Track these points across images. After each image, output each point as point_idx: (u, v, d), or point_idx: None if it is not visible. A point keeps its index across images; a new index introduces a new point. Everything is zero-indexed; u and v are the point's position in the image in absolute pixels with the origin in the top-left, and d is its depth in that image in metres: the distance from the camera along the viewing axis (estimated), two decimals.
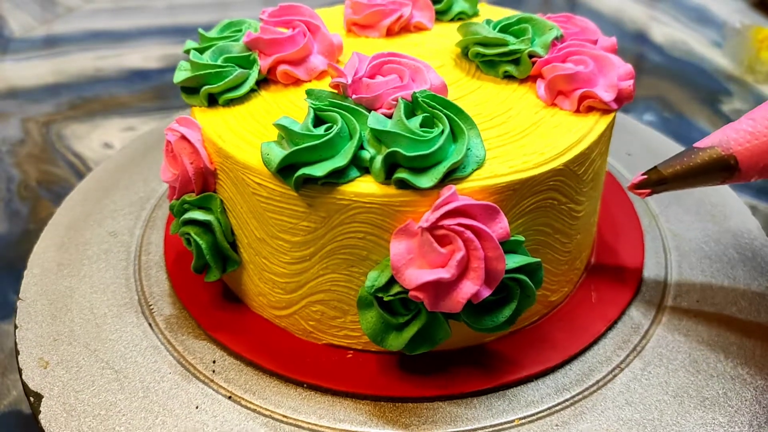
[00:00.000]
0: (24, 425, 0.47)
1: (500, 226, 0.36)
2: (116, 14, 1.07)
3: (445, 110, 0.38)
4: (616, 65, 0.43)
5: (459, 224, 0.35)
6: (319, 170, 0.36)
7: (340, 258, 0.39)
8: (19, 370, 0.43)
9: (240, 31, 0.49)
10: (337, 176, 0.37)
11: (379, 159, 0.36)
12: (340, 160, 0.36)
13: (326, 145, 0.36)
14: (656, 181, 0.41)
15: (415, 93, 0.38)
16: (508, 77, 0.46)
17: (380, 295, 0.37)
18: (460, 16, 0.54)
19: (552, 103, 0.43)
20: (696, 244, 0.53)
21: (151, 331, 0.46)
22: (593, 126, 0.41)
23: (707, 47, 0.95)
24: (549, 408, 0.41)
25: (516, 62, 0.45)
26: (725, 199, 0.58)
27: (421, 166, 0.36)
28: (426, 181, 0.36)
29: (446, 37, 0.51)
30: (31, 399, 0.41)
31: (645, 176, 0.42)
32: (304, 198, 0.38)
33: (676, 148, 0.65)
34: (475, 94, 0.44)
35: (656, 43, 0.97)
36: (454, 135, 0.38)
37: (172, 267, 0.50)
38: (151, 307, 0.48)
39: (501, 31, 0.47)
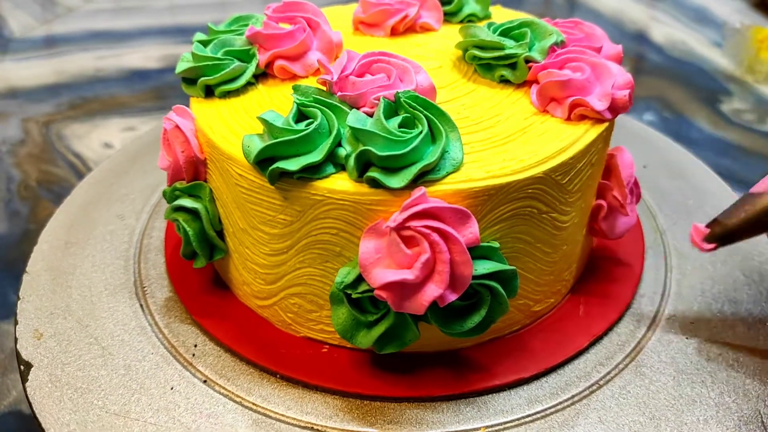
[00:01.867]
0: (24, 425, 0.48)
1: (470, 231, 0.36)
2: (116, 14, 1.07)
3: (425, 111, 0.38)
4: (614, 74, 0.42)
5: (426, 226, 0.35)
6: (293, 164, 0.36)
7: (315, 252, 0.40)
8: (15, 339, 0.45)
9: (247, 25, 0.50)
10: (312, 171, 0.37)
11: (352, 157, 0.36)
12: (315, 156, 0.37)
13: (303, 140, 0.37)
14: (721, 235, 0.40)
15: (398, 93, 0.38)
16: (504, 81, 0.45)
17: (349, 291, 0.38)
18: (470, 18, 0.54)
19: (544, 109, 0.42)
20: (700, 264, 0.51)
21: (141, 312, 0.47)
22: (582, 135, 0.40)
23: (707, 47, 0.94)
24: (519, 419, 0.40)
25: (512, 66, 0.44)
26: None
27: (394, 166, 0.36)
28: (397, 181, 0.36)
29: (451, 38, 0.51)
30: (22, 368, 0.43)
31: (708, 229, 0.40)
32: (280, 191, 0.38)
33: (692, 159, 0.63)
34: (467, 97, 0.44)
35: (656, 43, 0.96)
36: (433, 137, 0.37)
37: (170, 252, 0.52)
38: (145, 289, 0.49)
39: (502, 34, 0.46)
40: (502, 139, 0.40)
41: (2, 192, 0.68)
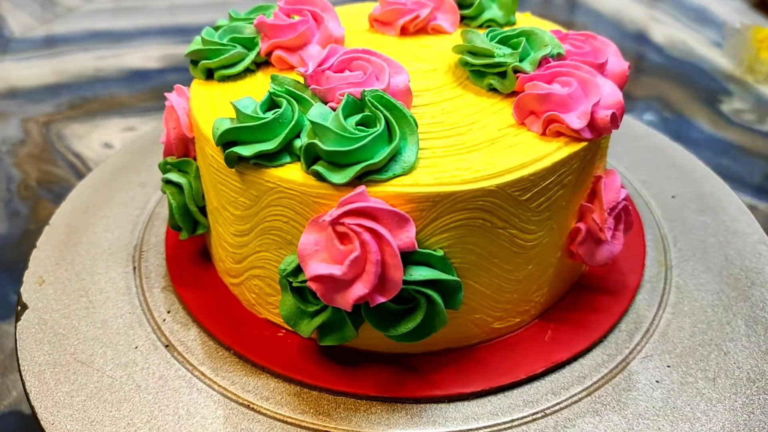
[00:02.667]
0: (24, 425, 0.49)
1: (407, 236, 0.36)
2: (116, 14, 1.07)
3: (386, 111, 0.38)
4: (602, 92, 0.40)
5: (359, 224, 0.35)
6: (248, 150, 0.38)
7: (270, 238, 0.41)
8: (21, 282, 0.50)
9: (266, 15, 0.52)
10: (268, 159, 0.38)
11: (302, 149, 0.37)
12: (270, 144, 0.38)
13: (262, 127, 0.38)
14: None
15: (364, 91, 0.39)
16: (493, 90, 0.44)
17: (290, 279, 0.39)
18: (489, 24, 0.53)
19: (521, 122, 0.41)
20: (700, 306, 0.47)
21: (132, 274, 0.51)
22: (550, 153, 0.39)
23: (707, 47, 0.91)
24: None
25: (502, 75, 0.43)
26: (761, 264, 0.50)
27: (339, 162, 0.36)
28: (339, 177, 0.36)
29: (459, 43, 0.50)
30: (19, 308, 0.48)
31: None
32: (239, 175, 0.40)
33: (728, 194, 0.58)
34: (449, 102, 0.43)
35: (656, 43, 0.93)
36: (390, 137, 0.37)
37: None
38: (143, 253, 0.53)
39: (500, 42, 0.45)
40: (467, 148, 0.39)
41: (2, 192, 0.68)
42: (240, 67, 0.47)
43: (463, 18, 0.53)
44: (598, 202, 0.42)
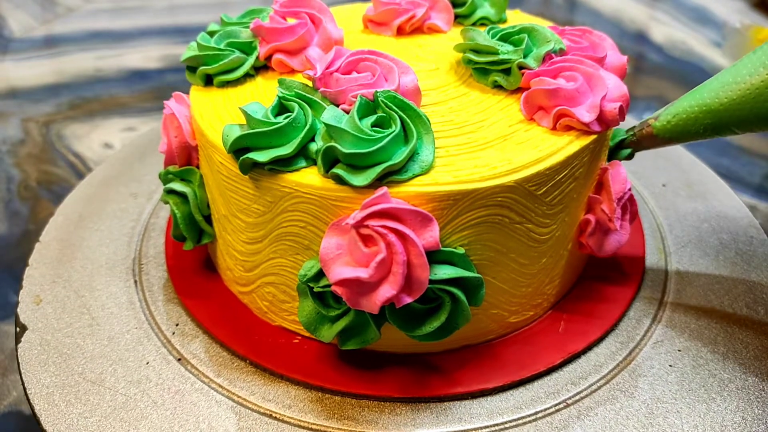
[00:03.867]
0: (24, 425, 0.48)
1: (430, 235, 0.36)
2: (116, 14, 1.07)
3: (400, 112, 0.38)
4: (608, 86, 0.41)
5: (384, 226, 0.35)
6: (263, 156, 0.37)
7: (286, 244, 0.40)
8: (17, 303, 0.48)
9: (259, 18, 0.51)
10: (283, 164, 0.38)
11: (320, 152, 0.37)
12: (286, 149, 0.37)
13: (276, 132, 0.37)
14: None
15: (376, 92, 0.39)
16: (498, 87, 0.44)
17: (311, 285, 0.38)
18: (482, 21, 0.53)
19: (531, 118, 0.41)
20: (701, 292, 0.49)
21: (133, 288, 0.50)
22: (563, 146, 0.39)
23: (707, 47, 0.92)
24: (475, 429, 0.39)
25: (506, 72, 0.43)
26: (754, 248, 0.52)
27: (359, 164, 0.36)
28: (360, 179, 0.36)
29: (457, 41, 0.50)
30: (17, 329, 0.46)
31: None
32: (253, 181, 0.39)
33: (716, 182, 0.59)
34: (456, 101, 0.43)
35: (656, 43, 0.95)
36: (406, 138, 0.37)
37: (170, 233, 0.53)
38: (142, 266, 0.51)
39: (501, 39, 0.45)
40: (480, 145, 0.39)
41: (2, 192, 0.68)
42: (240, 72, 0.46)
43: (456, 16, 0.53)
44: (606, 193, 0.43)
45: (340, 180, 0.36)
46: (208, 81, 0.46)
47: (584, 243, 0.44)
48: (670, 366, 0.43)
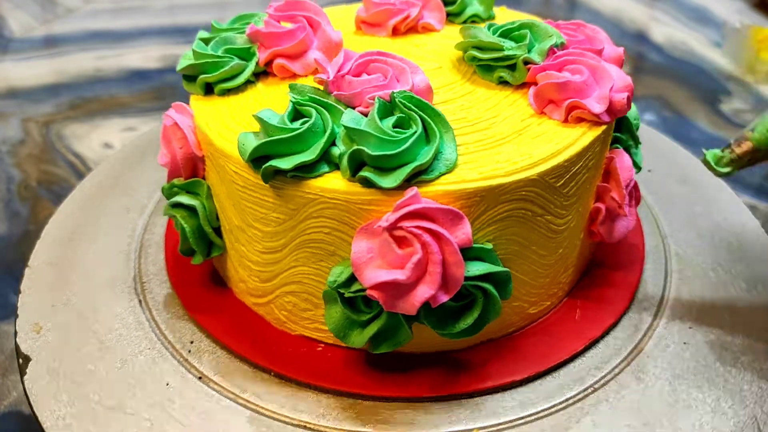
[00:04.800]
0: (24, 425, 0.48)
1: (462, 232, 0.36)
2: (116, 14, 1.07)
3: (420, 112, 0.38)
4: (613, 77, 0.42)
5: (418, 227, 0.35)
6: (287, 163, 0.37)
7: (308, 251, 0.40)
8: (15, 333, 0.46)
9: (249, 23, 0.50)
10: (306, 170, 0.37)
11: (346, 156, 0.36)
12: (308, 155, 0.37)
13: (297, 138, 0.37)
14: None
15: (393, 93, 0.38)
16: (504, 83, 0.45)
17: (342, 290, 0.38)
18: (473, 19, 0.54)
19: (541, 111, 0.42)
20: (702, 271, 0.51)
21: (139, 307, 0.48)
22: (578, 138, 0.40)
23: (707, 47, 0.94)
24: (510, 421, 0.40)
25: (511, 68, 0.44)
26: (745, 227, 0.55)
27: (386, 166, 0.36)
28: (389, 181, 0.36)
29: (453, 39, 0.51)
30: (20, 361, 0.44)
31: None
32: (273, 189, 0.38)
33: (699, 165, 0.61)
34: (465, 98, 0.44)
35: (656, 43, 0.96)
36: (428, 137, 0.37)
37: (170, 248, 0.52)
38: (144, 284, 0.50)
39: (501, 35, 0.46)
40: (497, 141, 0.40)
41: (2, 192, 0.68)
42: (241, 79, 0.45)
43: (447, 15, 0.54)
44: (614, 181, 0.44)
45: (367, 183, 0.36)
46: (207, 89, 0.45)
47: (596, 231, 0.45)
48: (685, 343, 0.45)
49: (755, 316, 0.47)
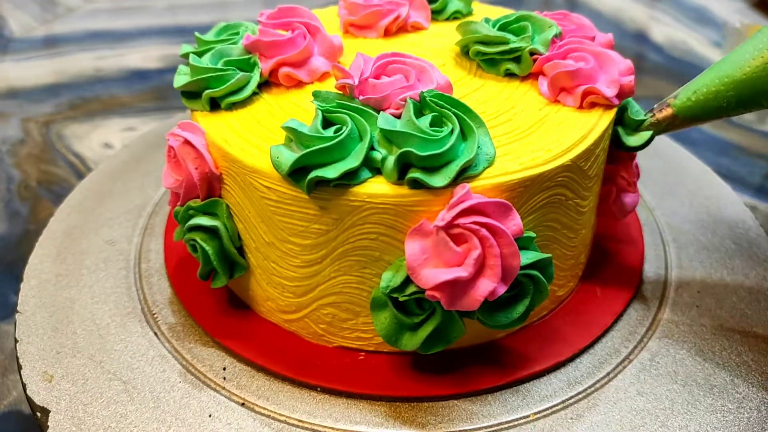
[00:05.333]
0: (24, 425, 0.47)
1: (514, 223, 0.36)
2: (116, 14, 1.06)
3: (453, 109, 0.38)
4: (616, 61, 0.44)
5: (474, 222, 0.35)
6: (331, 172, 0.36)
7: (352, 260, 0.39)
8: (23, 385, 0.42)
9: (237, 34, 0.48)
10: (350, 178, 0.36)
11: (391, 159, 0.36)
12: (352, 162, 0.36)
13: (338, 146, 0.36)
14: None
15: (422, 92, 0.38)
16: (510, 75, 0.46)
17: (395, 295, 0.37)
18: (455, 15, 0.55)
19: (555, 99, 0.43)
20: (693, 236, 0.54)
21: (156, 340, 0.45)
22: (597, 122, 0.42)
23: (707, 47, 0.96)
24: (563, 402, 0.41)
25: (517, 60, 0.45)
26: (718, 191, 0.59)
27: (434, 165, 0.36)
28: (439, 180, 0.36)
29: (444, 36, 0.51)
30: (38, 414, 0.40)
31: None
32: (315, 200, 0.37)
33: (662, 139, 0.65)
34: (478, 93, 0.44)
35: (656, 43, 0.98)
36: (464, 134, 0.38)
37: (174, 274, 0.49)
38: (155, 315, 0.47)
39: (500, 29, 0.47)
40: (524, 131, 0.41)
41: (2, 192, 0.68)
42: (248, 91, 0.43)
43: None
44: (624, 159, 0.47)
45: (416, 184, 0.36)
46: (213, 105, 0.43)
47: (609, 210, 0.47)
48: (697, 306, 0.48)
49: (750, 273, 0.50)
